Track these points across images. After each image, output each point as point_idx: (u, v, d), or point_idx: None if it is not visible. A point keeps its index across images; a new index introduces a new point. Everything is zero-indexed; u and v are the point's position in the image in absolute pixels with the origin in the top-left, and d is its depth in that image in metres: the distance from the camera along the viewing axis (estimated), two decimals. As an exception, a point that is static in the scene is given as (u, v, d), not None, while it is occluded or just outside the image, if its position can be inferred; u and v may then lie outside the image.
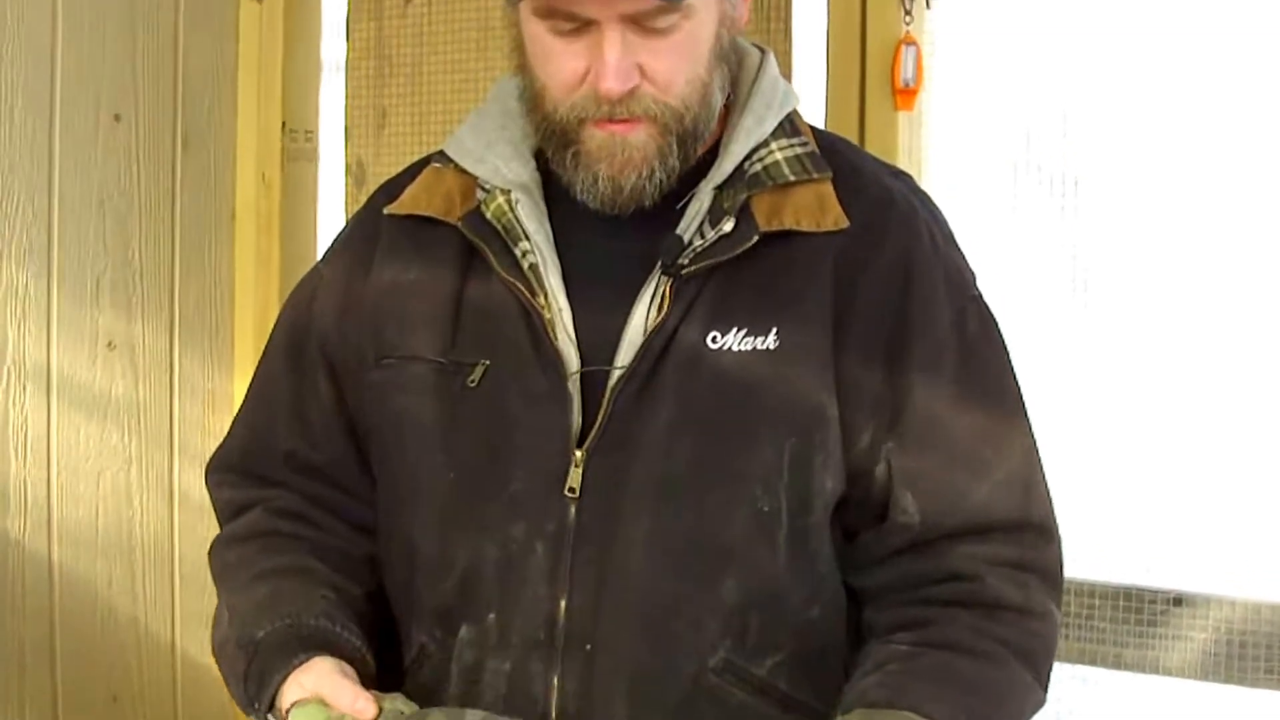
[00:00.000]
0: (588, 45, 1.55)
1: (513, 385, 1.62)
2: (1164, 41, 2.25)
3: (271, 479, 1.79)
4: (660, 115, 1.57)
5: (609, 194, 1.61)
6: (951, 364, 1.61)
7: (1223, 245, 2.27)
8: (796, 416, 1.57)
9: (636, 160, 1.59)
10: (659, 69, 1.56)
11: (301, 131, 2.99)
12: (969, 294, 1.66)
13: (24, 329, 2.48)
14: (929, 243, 1.65)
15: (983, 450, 1.60)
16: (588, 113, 1.57)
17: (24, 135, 2.48)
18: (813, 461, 1.58)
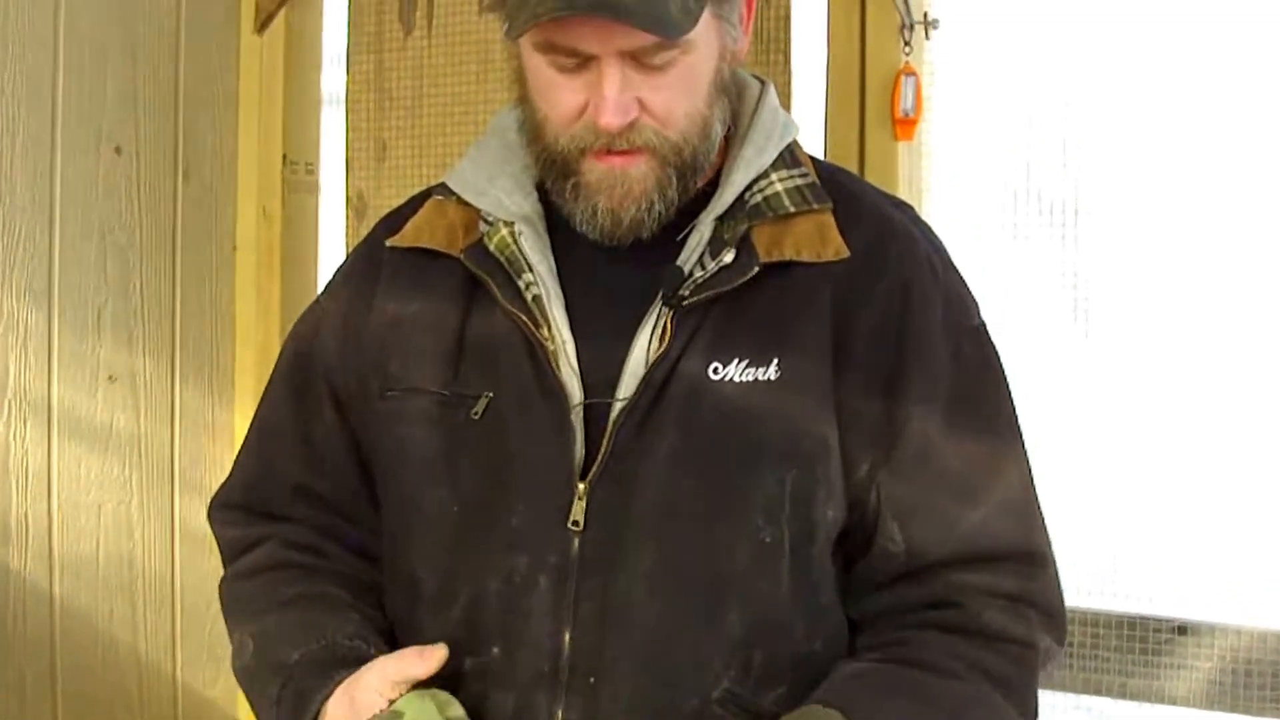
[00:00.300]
0: (587, 80, 1.55)
1: (516, 417, 1.61)
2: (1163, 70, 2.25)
3: (278, 513, 1.78)
4: (660, 148, 1.58)
5: (608, 226, 1.61)
6: (947, 394, 1.60)
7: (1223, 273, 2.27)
8: (798, 447, 1.57)
9: (635, 193, 1.59)
10: (658, 103, 1.56)
11: (302, 164, 2.99)
12: (969, 324, 1.66)
13: (25, 361, 2.48)
14: (929, 272, 1.65)
15: (974, 480, 1.60)
16: (587, 144, 1.57)
17: (25, 168, 2.48)
18: (815, 492, 1.58)
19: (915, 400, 1.59)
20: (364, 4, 2.94)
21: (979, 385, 1.64)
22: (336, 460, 1.77)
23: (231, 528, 1.83)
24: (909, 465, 1.60)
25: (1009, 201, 2.40)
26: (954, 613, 1.58)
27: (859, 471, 1.60)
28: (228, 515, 1.84)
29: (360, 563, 1.77)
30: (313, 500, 1.77)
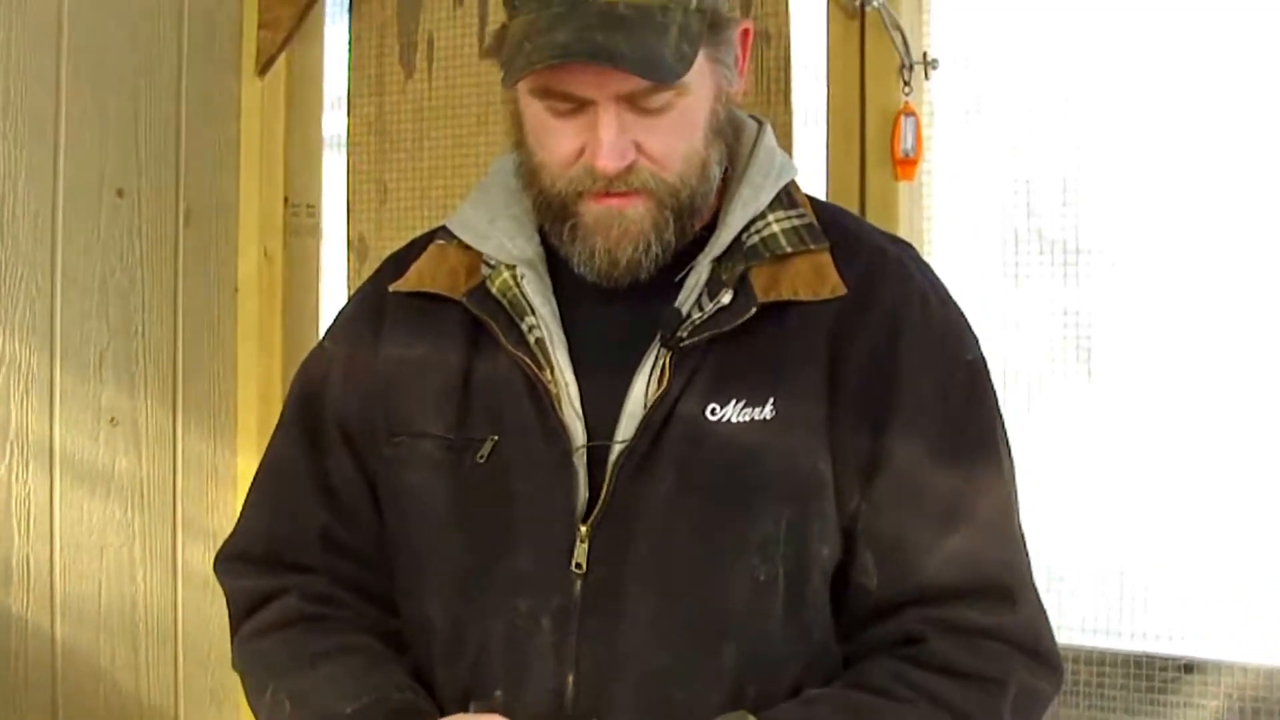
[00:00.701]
0: (584, 124, 1.56)
1: (519, 460, 1.62)
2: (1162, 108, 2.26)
3: (301, 563, 1.76)
4: (657, 190, 1.58)
5: (605, 266, 1.61)
6: (931, 427, 1.60)
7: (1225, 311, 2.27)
8: (793, 485, 1.58)
9: (633, 233, 1.59)
10: (655, 146, 1.57)
11: (303, 206, 2.99)
12: (962, 358, 1.66)
13: (27, 404, 2.47)
14: (920, 306, 1.65)
15: (946, 513, 1.59)
16: (585, 187, 1.58)
17: (27, 210, 2.48)
18: (809, 529, 1.58)
19: (899, 433, 1.59)
20: (365, 47, 2.95)
21: (966, 419, 1.63)
22: (356, 504, 1.76)
23: (242, 578, 1.79)
24: (886, 498, 1.60)
25: (1010, 241, 2.41)
26: (917, 649, 1.57)
27: (850, 506, 1.60)
28: (240, 566, 1.80)
29: (380, 612, 1.75)
30: (337, 547, 1.76)
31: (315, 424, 1.80)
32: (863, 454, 1.59)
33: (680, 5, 1.54)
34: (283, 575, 1.76)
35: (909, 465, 1.59)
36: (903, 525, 1.59)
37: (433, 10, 2.87)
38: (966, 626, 1.57)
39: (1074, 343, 2.35)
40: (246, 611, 1.77)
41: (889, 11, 2.32)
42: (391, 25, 2.91)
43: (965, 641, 1.57)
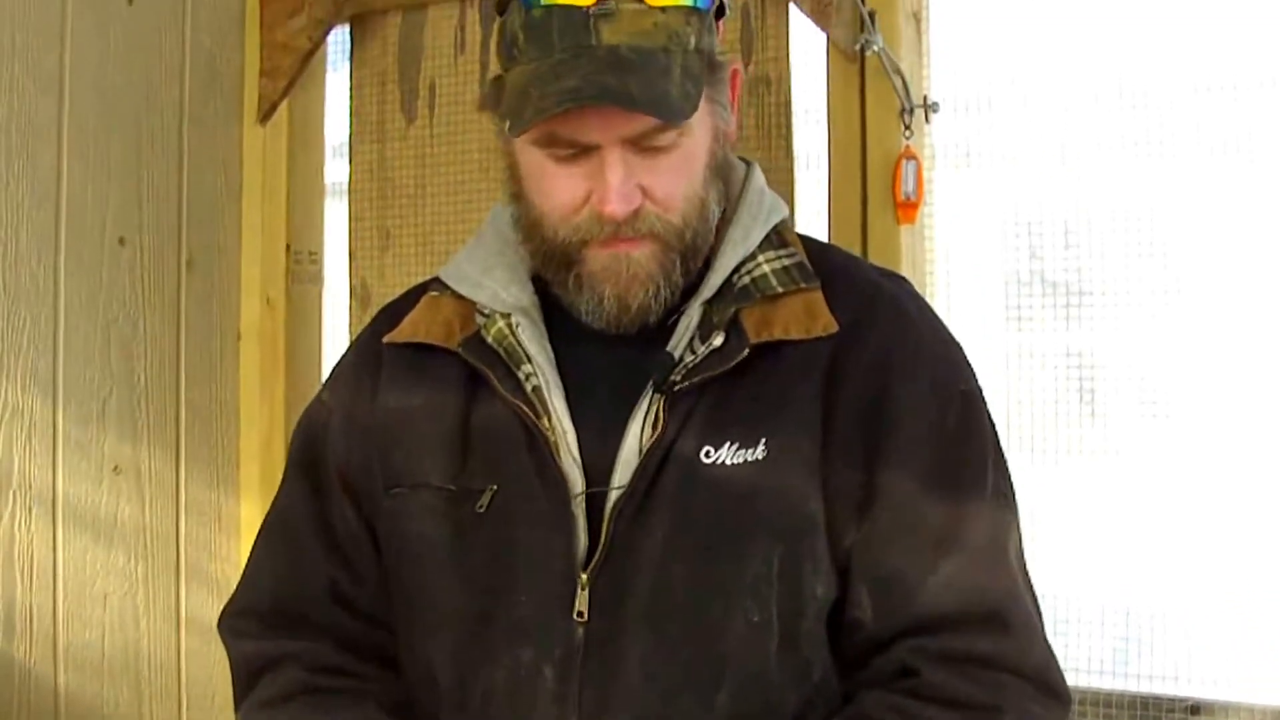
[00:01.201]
0: (587, 170, 1.57)
1: (519, 509, 1.63)
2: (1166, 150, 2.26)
3: (308, 620, 1.76)
4: (663, 233, 1.59)
5: (615, 312, 1.62)
6: (925, 459, 1.61)
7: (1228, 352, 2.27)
8: (785, 525, 1.58)
9: (641, 277, 1.60)
10: (659, 187, 1.58)
11: (305, 253, 3.00)
12: (956, 389, 1.66)
13: (29, 452, 2.47)
14: (913, 338, 1.66)
15: (938, 543, 1.59)
16: (591, 234, 1.59)
17: (29, 259, 2.48)
18: (801, 568, 1.58)
19: (892, 466, 1.60)
20: (367, 94, 2.95)
21: (959, 450, 1.64)
22: (362, 557, 1.77)
23: (246, 639, 1.79)
24: (878, 530, 1.60)
25: (1012, 283, 2.41)
26: (912, 681, 1.57)
27: (844, 543, 1.60)
28: (245, 626, 1.80)
29: (387, 674, 1.76)
30: (344, 602, 1.76)
31: (317, 477, 1.80)
32: (856, 489, 1.60)
33: (680, 47, 1.56)
34: (287, 638, 1.76)
35: (901, 497, 1.59)
36: (894, 557, 1.59)
37: (434, 57, 2.88)
38: (960, 655, 1.56)
39: (1077, 384, 2.35)
40: (249, 678, 1.77)
41: (889, 56, 2.33)
42: (393, 72, 2.92)
43: (959, 670, 1.56)
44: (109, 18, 2.65)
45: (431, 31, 2.89)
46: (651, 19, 1.55)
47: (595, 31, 1.54)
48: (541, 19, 1.56)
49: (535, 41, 1.57)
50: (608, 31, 1.54)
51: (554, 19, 1.55)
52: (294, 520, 1.81)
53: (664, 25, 1.56)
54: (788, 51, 2.50)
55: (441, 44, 2.87)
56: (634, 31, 1.54)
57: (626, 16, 1.54)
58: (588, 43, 1.54)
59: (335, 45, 3.02)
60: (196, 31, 2.84)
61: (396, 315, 1.81)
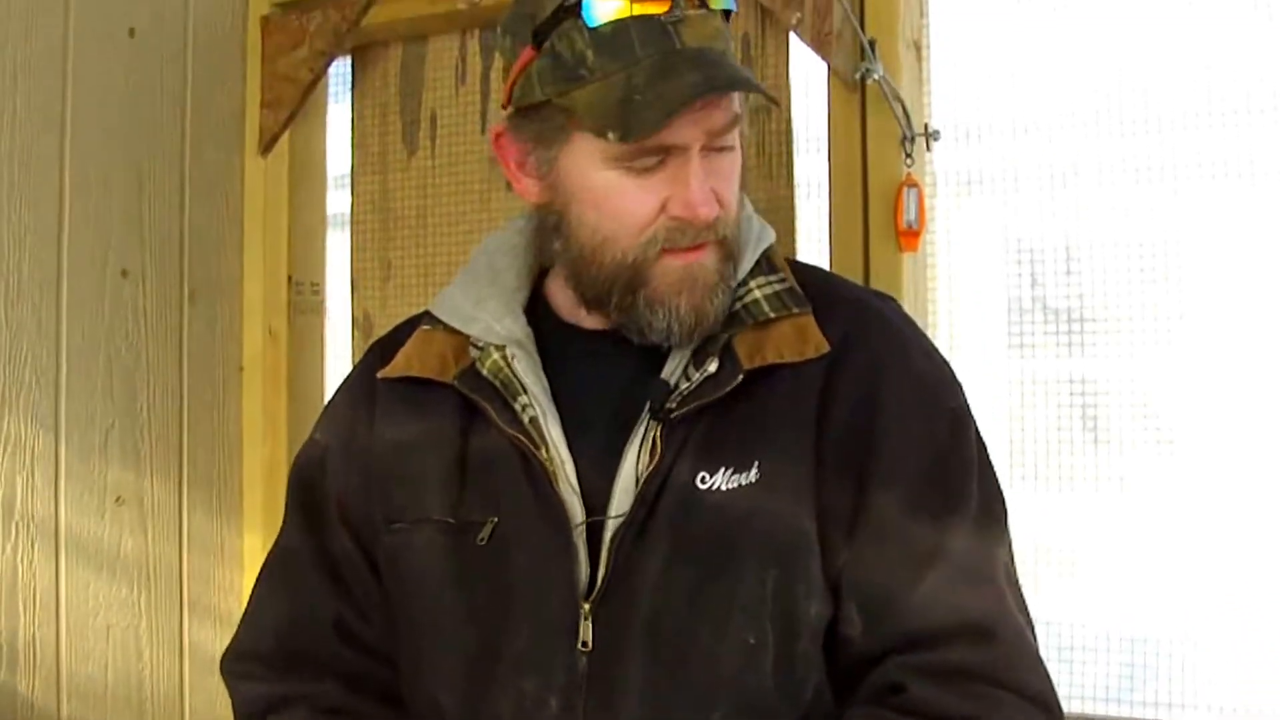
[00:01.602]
0: (664, 177, 1.58)
1: (520, 541, 1.63)
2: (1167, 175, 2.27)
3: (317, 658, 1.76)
4: (727, 237, 1.61)
5: (691, 324, 1.62)
6: (912, 477, 1.61)
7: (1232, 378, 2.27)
8: (777, 546, 1.58)
9: (711, 283, 1.62)
10: (724, 190, 1.61)
11: (307, 284, 3.00)
12: (944, 405, 1.66)
13: (32, 484, 2.47)
14: (901, 356, 1.67)
15: (922, 558, 1.59)
16: (672, 243, 1.59)
17: (32, 291, 2.49)
18: (795, 589, 1.58)
19: (880, 484, 1.60)
20: (368, 125, 2.96)
21: (949, 467, 1.63)
22: (366, 592, 1.77)
23: (251, 681, 1.79)
24: (866, 547, 1.60)
25: (1015, 310, 2.41)
26: (900, 697, 1.56)
27: (837, 562, 1.60)
28: (249, 668, 1.80)
29: (395, 713, 1.75)
30: (350, 638, 1.76)
31: (318, 514, 1.80)
32: (846, 508, 1.60)
33: (729, 47, 1.60)
34: (294, 680, 1.76)
35: (888, 514, 1.59)
36: (881, 573, 1.59)
37: (435, 88, 2.88)
38: (945, 669, 1.56)
39: (1080, 411, 2.34)
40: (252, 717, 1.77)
41: (889, 84, 2.33)
42: (394, 103, 2.93)
43: (946, 684, 1.55)
44: (111, 50, 2.66)
45: (432, 63, 2.90)
46: (713, 22, 1.58)
47: (678, 35, 1.55)
48: (615, 31, 1.55)
49: (612, 54, 1.55)
50: (688, 34, 1.56)
51: (631, 29, 1.55)
52: (296, 558, 1.81)
53: (719, 29, 1.59)
54: (788, 80, 2.51)
55: (442, 75, 2.88)
56: (705, 34, 1.57)
57: (695, 21, 1.57)
58: (674, 46, 1.55)
59: (336, 77, 3.03)
60: (198, 63, 2.85)
61: (388, 350, 1.81)
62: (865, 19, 2.40)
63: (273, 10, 2.97)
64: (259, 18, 2.97)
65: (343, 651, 1.76)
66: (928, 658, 1.56)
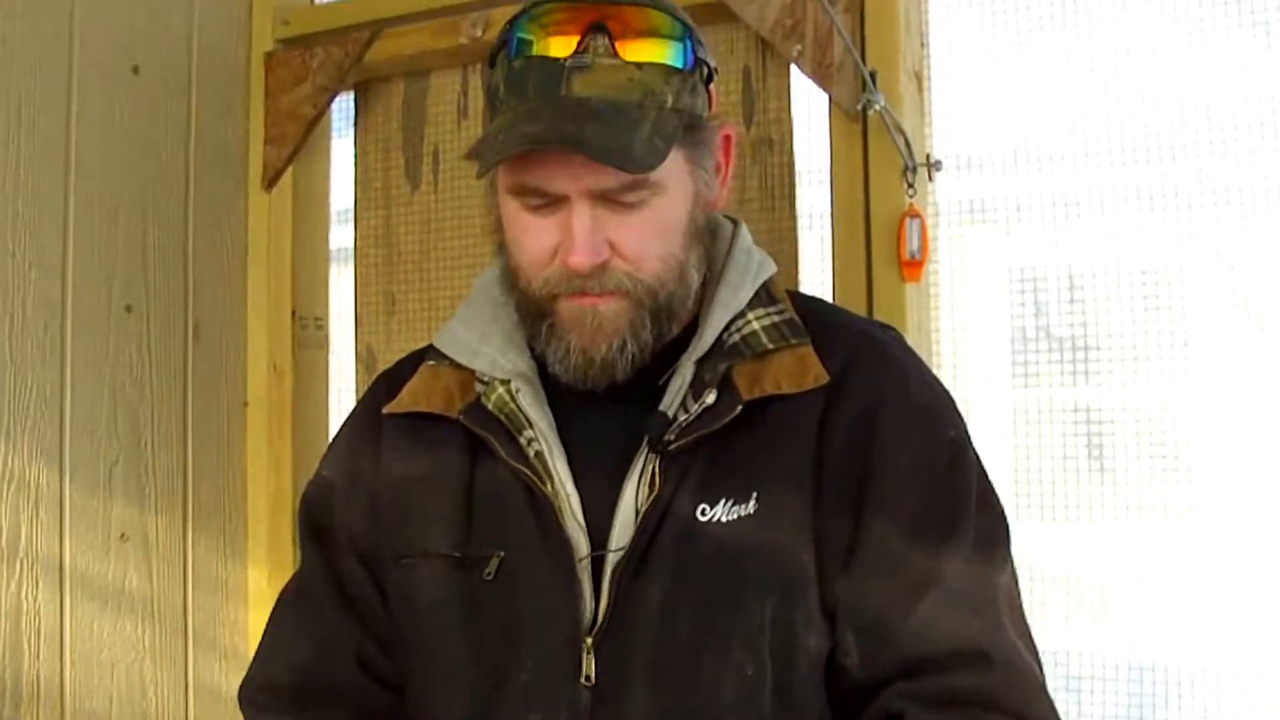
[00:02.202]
0: (557, 221, 1.59)
1: (525, 575, 1.63)
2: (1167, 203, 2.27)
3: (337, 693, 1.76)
4: (633, 290, 1.60)
5: (580, 364, 1.63)
6: (910, 505, 1.60)
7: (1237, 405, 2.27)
8: (775, 577, 1.58)
9: (608, 330, 1.61)
10: (629, 244, 1.59)
11: (311, 319, 3.00)
12: (943, 435, 1.66)
13: (36, 521, 2.46)
14: (899, 385, 1.67)
15: (919, 585, 1.58)
16: (560, 288, 1.60)
17: (36, 327, 2.49)
18: (793, 620, 1.58)
19: (878, 513, 1.60)
20: (371, 160, 2.97)
21: (947, 496, 1.63)
22: (381, 624, 1.77)
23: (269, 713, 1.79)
24: (862, 575, 1.60)
25: (1019, 340, 2.41)
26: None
27: (834, 591, 1.60)
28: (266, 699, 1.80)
29: None
30: (373, 671, 1.77)
31: (330, 549, 1.81)
32: (844, 537, 1.60)
33: (655, 103, 1.57)
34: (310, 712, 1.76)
35: (884, 542, 1.59)
36: (876, 601, 1.59)
37: (437, 123, 2.89)
38: (945, 696, 1.55)
39: (1085, 440, 2.34)
40: None
41: (891, 115, 2.34)
42: (397, 138, 2.93)
43: (944, 710, 1.54)
44: (115, 86, 2.67)
45: (435, 98, 2.90)
46: (627, 74, 1.57)
47: (567, 83, 1.56)
48: (521, 70, 1.59)
49: (513, 92, 1.59)
50: (580, 84, 1.56)
51: (531, 70, 1.58)
52: (314, 592, 1.81)
53: (640, 81, 1.57)
54: (790, 112, 2.52)
55: (445, 110, 2.89)
56: (607, 85, 1.56)
57: (602, 70, 1.56)
58: (558, 93, 1.56)
59: (339, 112, 3.03)
60: (202, 99, 2.86)
61: (394, 385, 1.81)
62: (866, 50, 2.40)
63: (276, 46, 2.98)
64: (262, 54, 2.98)
65: (363, 684, 1.76)
66: (926, 684, 1.56)
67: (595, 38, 1.57)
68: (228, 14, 2.95)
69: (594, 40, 1.57)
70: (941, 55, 2.48)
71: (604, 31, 1.57)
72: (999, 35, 2.41)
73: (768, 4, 2.43)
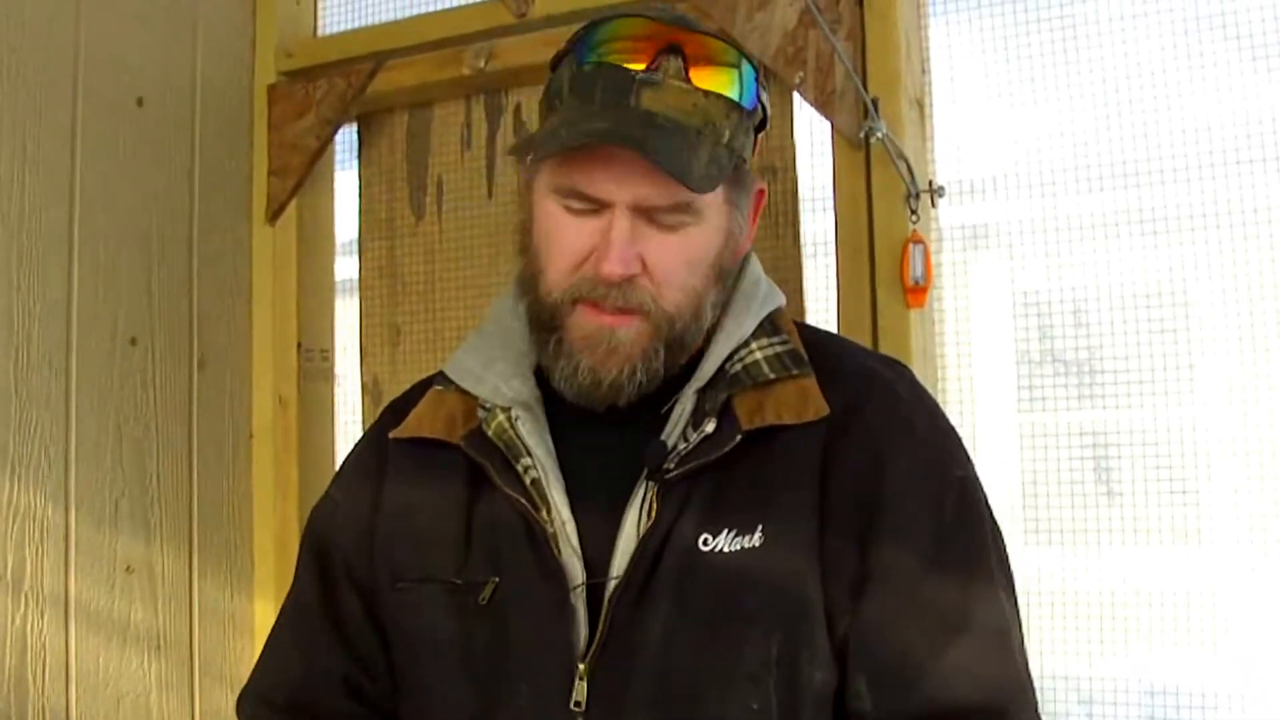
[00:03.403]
0: (597, 227, 1.58)
1: (519, 602, 1.63)
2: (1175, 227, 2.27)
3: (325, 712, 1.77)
4: (652, 314, 1.60)
5: (587, 384, 1.63)
6: (921, 544, 1.59)
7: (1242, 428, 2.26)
8: (782, 611, 1.57)
9: (621, 355, 1.60)
10: (660, 264, 1.59)
11: (317, 351, 3.01)
12: (951, 475, 1.65)
13: (42, 554, 2.46)
14: (907, 425, 1.66)
15: (942, 629, 1.57)
16: (582, 293, 1.59)
17: (40, 361, 2.49)
18: (799, 655, 1.57)
19: (888, 550, 1.59)
20: (375, 192, 2.97)
21: (957, 535, 1.62)
22: (371, 650, 1.77)
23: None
24: (876, 616, 1.59)
25: (1025, 364, 2.41)
26: None
27: (841, 627, 1.59)
28: (263, 712, 1.82)
29: None
30: (359, 695, 1.77)
31: (328, 573, 1.81)
32: (852, 573, 1.59)
33: (714, 135, 1.58)
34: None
35: (897, 581, 1.58)
36: (896, 643, 1.58)
37: (441, 154, 2.90)
38: None
39: (1092, 463, 2.34)
40: None
41: (893, 142, 2.34)
42: (400, 169, 2.94)
43: None
44: (119, 119, 2.68)
45: (438, 129, 2.91)
46: (693, 99, 1.58)
47: (636, 94, 1.56)
48: (589, 74, 1.59)
49: (577, 94, 1.59)
50: (648, 98, 1.56)
51: (600, 76, 1.58)
52: (308, 613, 1.82)
53: (703, 109, 1.58)
54: (792, 139, 2.53)
55: (448, 141, 2.90)
56: (674, 105, 1.57)
57: (670, 90, 1.57)
58: (626, 103, 1.56)
59: (343, 144, 3.05)
60: (205, 132, 2.87)
61: (402, 411, 1.82)
62: (868, 78, 2.41)
63: (279, 79, 2.99)
64: (266, 86, 3.00)
65: (350, 708, 1.76)
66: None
67: (669, 58, 1.57)
68: (231, 46, 2.97)
69: (667, 60, 1.57)
70: (943, 82, 2.49)
71: (679, 54, 1.58)
72: (1000, 61, 2.42)
73: (769, 31, 2.44)
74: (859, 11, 2.44)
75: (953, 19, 2.49)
